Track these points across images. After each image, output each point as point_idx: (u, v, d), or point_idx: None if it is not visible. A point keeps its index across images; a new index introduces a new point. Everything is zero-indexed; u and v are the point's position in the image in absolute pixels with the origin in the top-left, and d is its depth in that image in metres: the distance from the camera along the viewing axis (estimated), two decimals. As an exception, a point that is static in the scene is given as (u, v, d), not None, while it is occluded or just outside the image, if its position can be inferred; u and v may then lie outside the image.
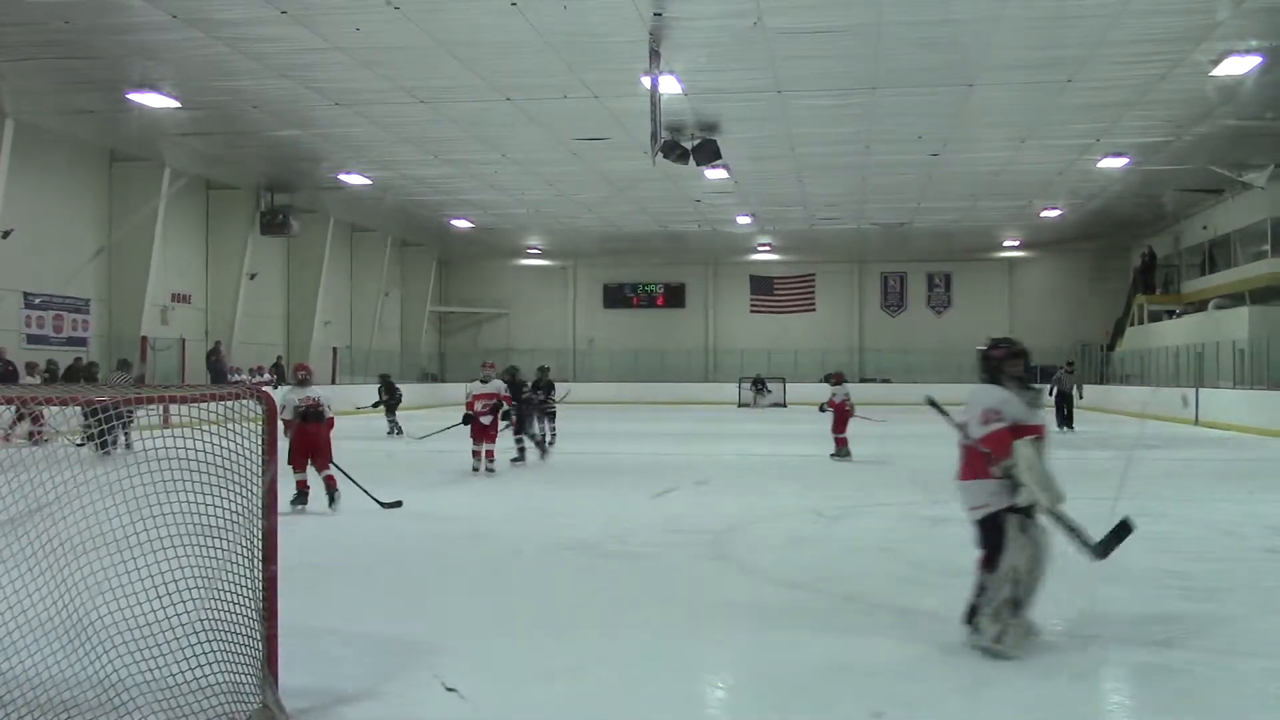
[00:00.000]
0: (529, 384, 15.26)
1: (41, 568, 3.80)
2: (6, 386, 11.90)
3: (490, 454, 13.06)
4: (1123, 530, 5.11)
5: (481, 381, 13.22)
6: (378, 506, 9.58)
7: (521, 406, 14.39)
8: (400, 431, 20.23)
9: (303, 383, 9.97)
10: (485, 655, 5.06)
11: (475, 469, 13.01)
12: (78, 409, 3.99)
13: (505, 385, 13.57)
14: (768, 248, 38.21)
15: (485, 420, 12.92)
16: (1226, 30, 14.32)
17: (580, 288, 41.62)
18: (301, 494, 9.67)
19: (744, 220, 31.94)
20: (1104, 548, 5.08)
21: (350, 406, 28.03)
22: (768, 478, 13.27)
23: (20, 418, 7.90)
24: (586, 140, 21.00)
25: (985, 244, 36.88)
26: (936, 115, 19.07)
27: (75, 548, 4.04)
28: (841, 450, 15.54)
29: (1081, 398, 23.13)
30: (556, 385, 16.49)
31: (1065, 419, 22.17)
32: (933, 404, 5.66)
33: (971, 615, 5.03)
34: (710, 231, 34.07)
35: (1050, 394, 21.98)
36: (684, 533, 8.54)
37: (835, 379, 16.15)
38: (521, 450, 14.25)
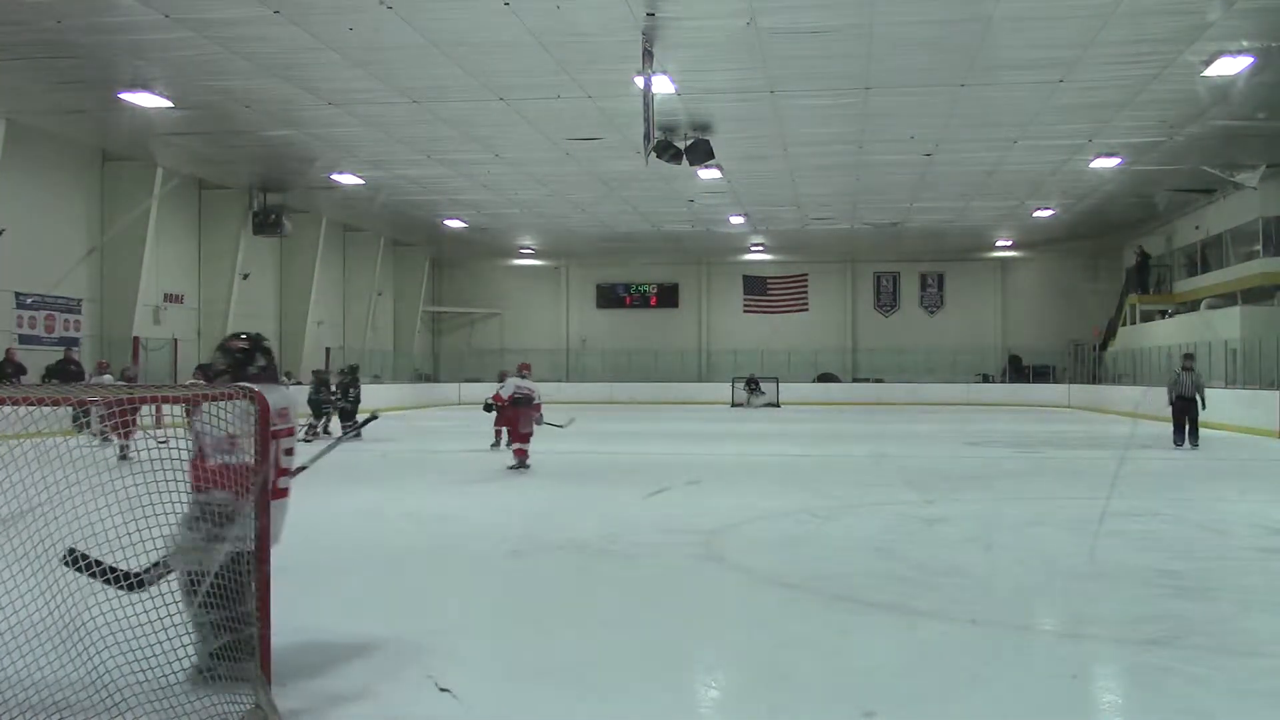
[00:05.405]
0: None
1: (34, 568, 3.79)
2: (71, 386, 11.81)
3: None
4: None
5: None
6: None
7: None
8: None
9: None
10: (478, 655, 5.06)
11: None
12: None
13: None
14: (761, 248, 38.25)
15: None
16: (1218, 31, 14.37)
17: (573, 288, 41.62)
18: None
19: (737, 220, 31.97)
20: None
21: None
22: (760, 477, 13.28)
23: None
24: (579, 140, 20.99)
25: (978, 244, 36.97)
26: (929, 115, 19.11)
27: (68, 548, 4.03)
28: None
29: (1205, 407, 17.45)
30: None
31: (1190, 432, 17.28)
32: None
33: None
34: (703, 231, 34.10)
35: (1171, 401, 17.53)
36: (677, 533, 8.54)
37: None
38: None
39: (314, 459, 5.20)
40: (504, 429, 16.25)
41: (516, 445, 13.39)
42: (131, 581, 4.05)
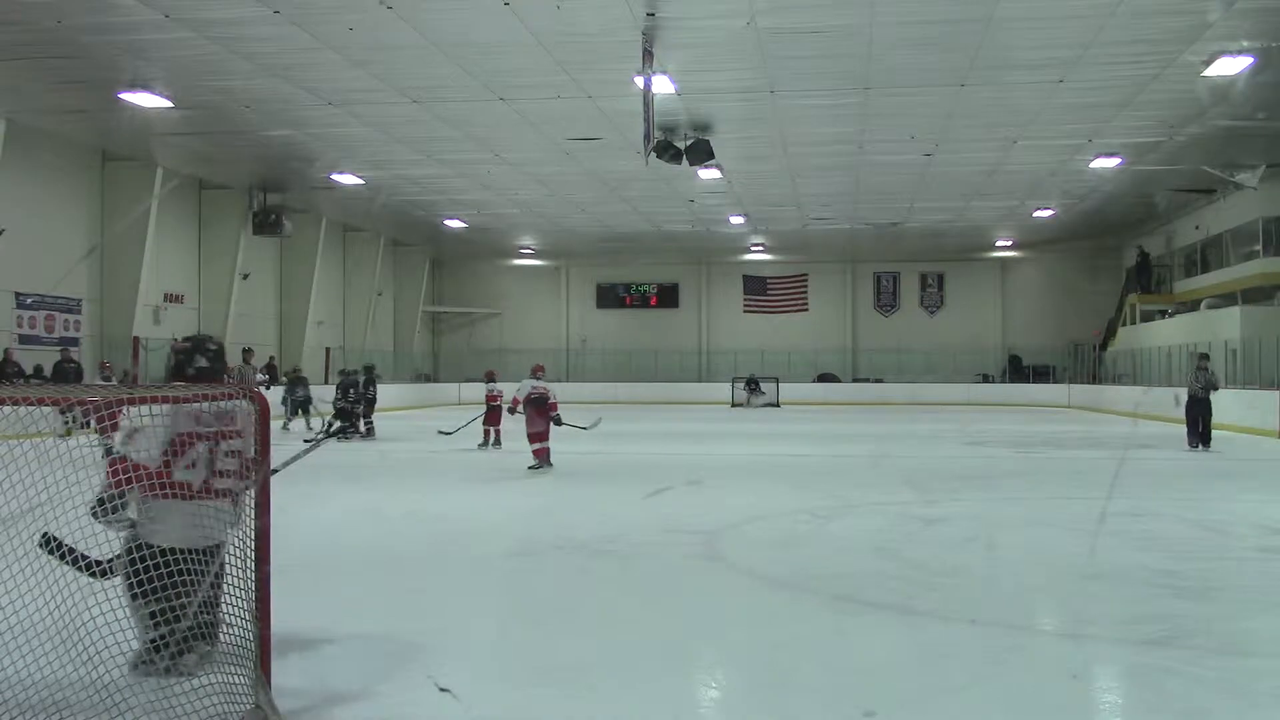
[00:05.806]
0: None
1: (34, 568, 3.79)
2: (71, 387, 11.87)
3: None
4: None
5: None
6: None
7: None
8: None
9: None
10: (478, 655, 5.06)
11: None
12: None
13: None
14: (761, 248, 38.26)
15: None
16: (1218, 31, 14.38)
17: (573, 287, 41.62)
18: None
19: (737, 220, 31.97)
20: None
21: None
22: (760, 477, 13.28)
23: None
24: (579, 140, 21.00)
25: (978, 244, 36.97)
26: (929, 115, 19.12)
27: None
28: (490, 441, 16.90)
29: (1216, 388, 17.36)
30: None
31: (1200, 435, 16.77)
32: None
33: None
34: (703, 231, 34.10)
35: (1178, 403, 17.15)
36: (677, 532, 8.54)
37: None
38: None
39: (285, 463, 5.19)
40: (492, 429, 16.54)
41: (535, 446, 13.27)
42: (97, 570, 4.18)
